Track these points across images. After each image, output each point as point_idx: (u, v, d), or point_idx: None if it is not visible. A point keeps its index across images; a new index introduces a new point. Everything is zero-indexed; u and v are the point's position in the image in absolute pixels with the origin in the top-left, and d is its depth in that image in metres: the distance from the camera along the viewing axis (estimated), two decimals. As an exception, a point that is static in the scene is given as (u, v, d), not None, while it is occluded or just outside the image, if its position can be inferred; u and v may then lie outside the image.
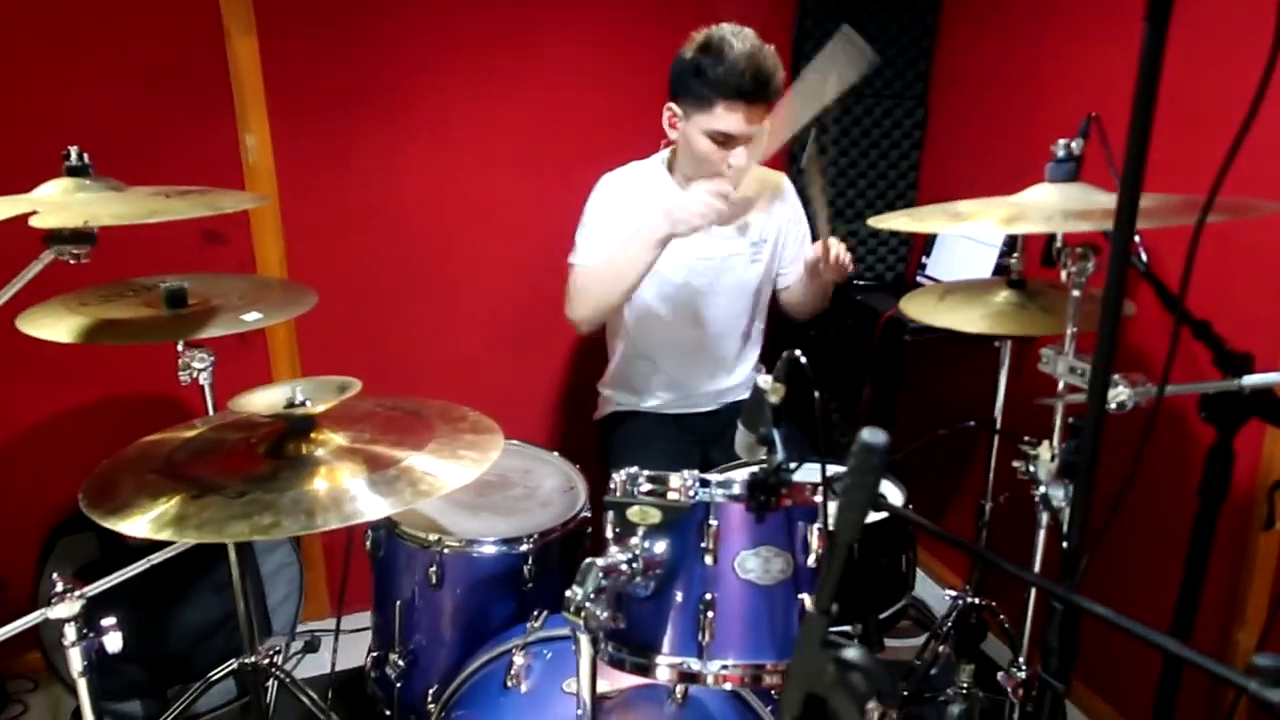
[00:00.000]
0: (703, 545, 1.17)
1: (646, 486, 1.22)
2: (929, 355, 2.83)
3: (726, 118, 1.90)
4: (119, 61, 2.19)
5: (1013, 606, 1.94)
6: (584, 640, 1.14)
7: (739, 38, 1.90)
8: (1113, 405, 1.28)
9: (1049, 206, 1.33)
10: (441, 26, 2.45)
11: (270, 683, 2.06)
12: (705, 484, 1.19)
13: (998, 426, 1.90)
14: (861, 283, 2.92)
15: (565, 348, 2.83)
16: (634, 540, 1.18)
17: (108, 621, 1.33)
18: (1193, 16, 1.86)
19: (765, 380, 1.20)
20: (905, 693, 2.03)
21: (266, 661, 2.01)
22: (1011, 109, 2.54)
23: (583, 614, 1.10)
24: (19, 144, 2.05)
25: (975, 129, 2.70)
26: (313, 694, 2.01)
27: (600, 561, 1.12)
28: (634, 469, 1.23)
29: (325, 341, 2.54)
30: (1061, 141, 1.37)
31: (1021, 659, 1.64)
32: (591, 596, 1.10)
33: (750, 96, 1.88)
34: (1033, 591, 1.63)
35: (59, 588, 1.28)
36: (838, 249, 1.94)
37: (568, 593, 1.11)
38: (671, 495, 1.19)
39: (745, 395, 2.17)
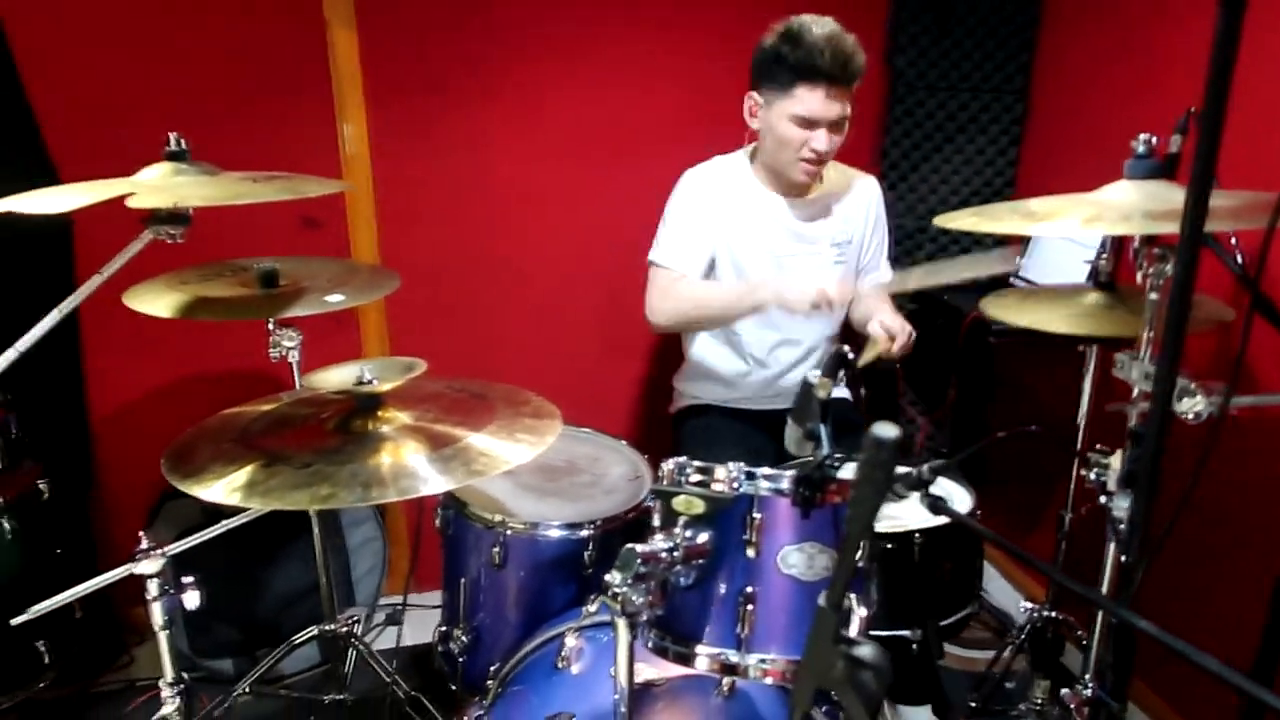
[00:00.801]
0: (745, 538, 1.17)
1: (694, 477, 1.22)
2: (1018, 358, 2.73)
3: (807, 99, 1.91)
4: (224, 53, 2.31)
5: (1089, 620, 1.86)
6: (621, 625, 1.15)
7: (819, 23, 1.91)
8: (1189, 415, 1.21)
9: (1128, 206, 1.27)
10: (533, 20, 2.49)
11: (350, 651, 2.14)
12: (751, 476, 1.18)
13: (1081, 434, 1.82)
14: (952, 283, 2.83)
15: (645, 341, 2.85)
16: (677, 529, 1.18)
17: (187, 580, 1.41)
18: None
19: (814, 375, 1.18)
20: (973, 704, 1.97)
21: (345, 630, 2.10)
22: (1118, 103, 2.42)
23: (619, 599, 1.11)
24: (126, 129, 2.17)
25: (1079, 124, 2.59)
26: (386, 664, 2.09)
27: (640, 548, 1.13)
28: (683, 459, 1.24)
29: (413, 324, 2.62)
30: (1143, 136, 1.31)
31: (1088, 676, 1.57)
32: (629, 582, 1.11)
33: (830, 77, 1.88)
34: (1104, 606, 1.56)
35: (143, 545, 1.37)
36: (902, 333, 1.95)
37: (607, 576, 1.12)
38: (716, 486, 1.19)
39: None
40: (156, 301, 1.73)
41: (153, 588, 1.37)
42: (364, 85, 2.41)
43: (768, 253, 2.10)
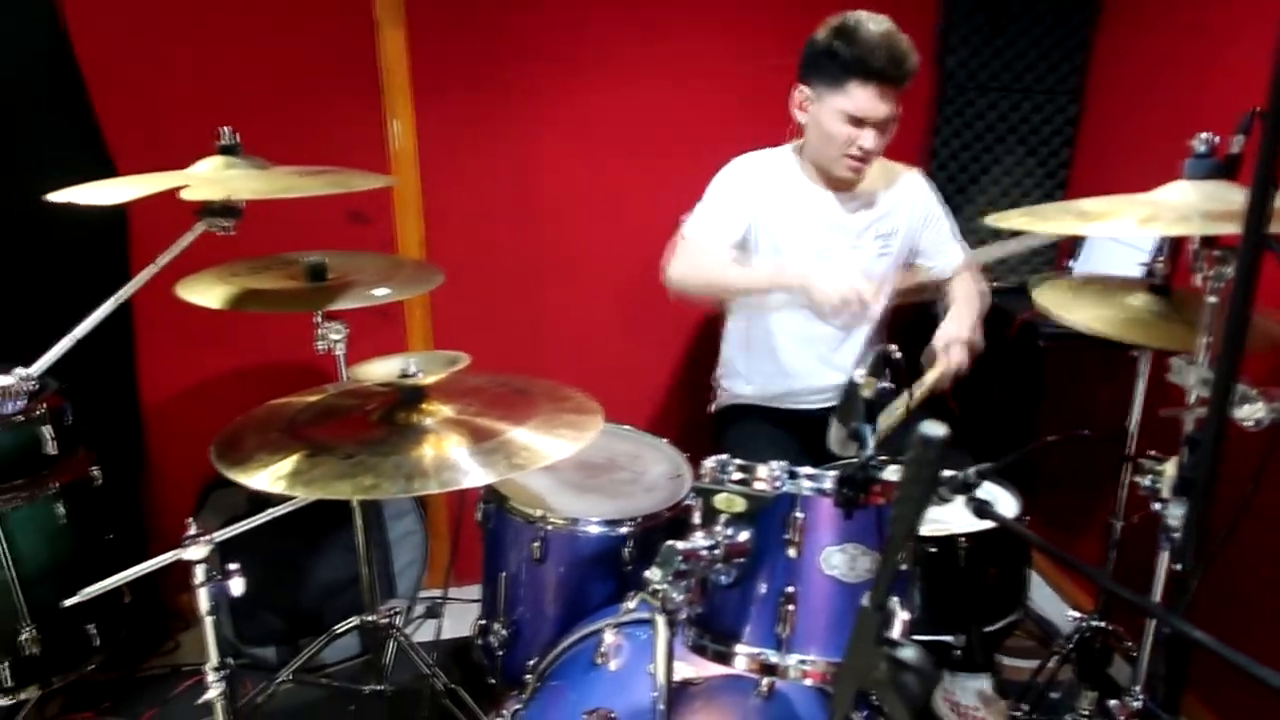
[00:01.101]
0: (786, 537, 1.16)
1: (736, 475, 1.21)
2: (1068, 363, 2.68)
3: (859, 96, 1.89)
4: (277, 51, 2.34)
5: (1138, 631, 1.82)
6: (660, 622, 1.14)
7: (874, 20, 1.90)
8: (1249, 422, 1.18)
9: (1185, 206, 1.23)
10: (580, 20, 2.50)
11: (390, 642, 2.16)
12: (793, 476, 1.17)
13: (1132, 440, 1.78)
14: (1001, 285, 2.79)
15: (689, 339, 2.84)
16: (718, 527, 1.17)
17: (233, 567, 1.43)
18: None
19: (860, 374, 1.17)
20: (1016, 713, 1.94)
21: (385, 621, 2.12)
22: (1176, 104, 2.36)
23: (659, 595, 1.10)
24: (181, 124, 2.20)
25: (1135, 125, 2.53)
26: (426, 656, 2.10)
27: (680, 545, 1.12)
28: (724, 456, 1.23)
29: (458, 319, 2.64)
30: (1203, 135, 1.27)
31: (1138, 687, 1.53)
32: (669, 579, 1.11)
33: (883, 76, 1.87)
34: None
35: (191, 532, 1.39)
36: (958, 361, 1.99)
37: (646, 573, 1.12)
38: (758, 485, 1.18)
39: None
40: (207, 293, 1.76)
41: (199, 573, 1.39)
42: (412, 83, 2.43)
43: (809, 244, 2.09)
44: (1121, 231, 1.24)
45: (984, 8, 2.61)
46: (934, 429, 0.70)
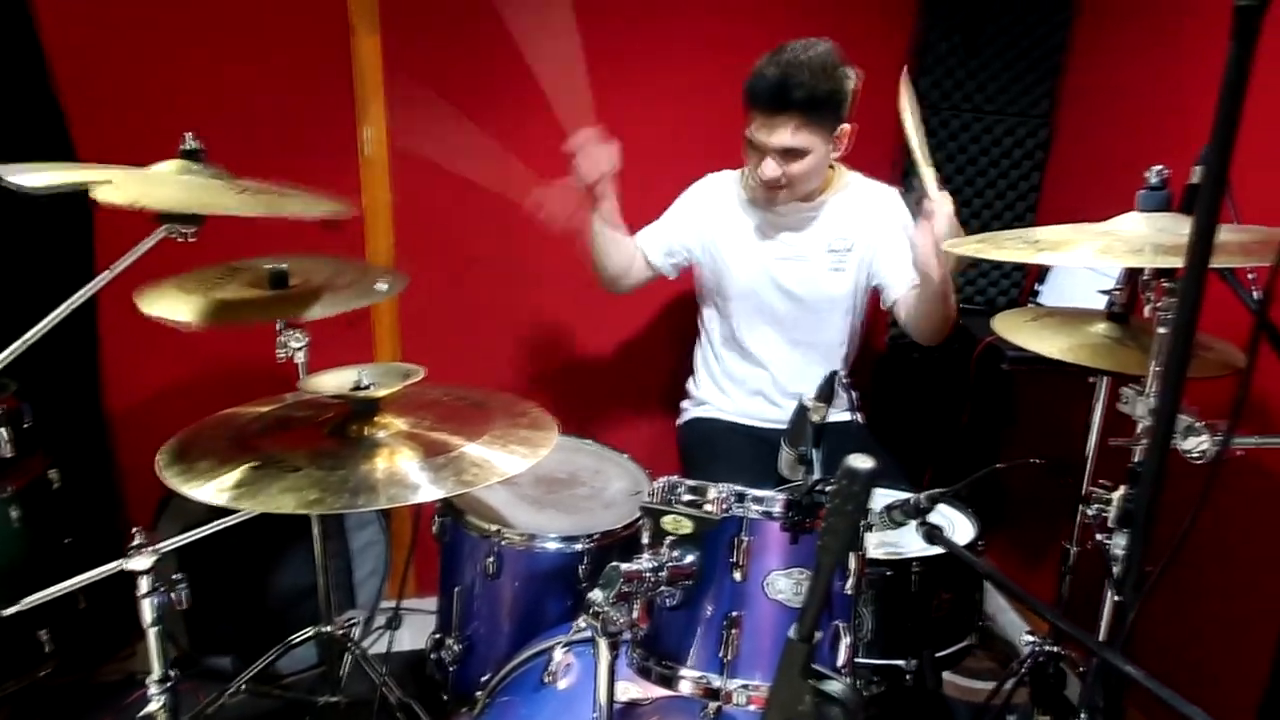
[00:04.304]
0: (732, 560, 1.15)
1: (685, 496, 1.20)
2: (1033, 386, 2.70)
3: (757, 125, 1.92)
4: (250, 53, 2.32)
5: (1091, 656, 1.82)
6: (603, 644, 1.13)
7: (793, 48, 1.87)
8: (1194, 454, 1.18)
9: (1137, 237, 1.24)
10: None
11: (346, 654, 2.14)
12: (741, 499, 1.17)
13: (1088, 468, 1.79)
14: (969, 307, 2.80)
15: (661, 352, 2.83)
16: (664, 548, 1.17)
17: (178, 577, 1.41)
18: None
19: (808, 398, 1.16)
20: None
21: (341, 633, 2.10)
22: (1142, 132, 2.38)
23: (601, 617, 1.09)
24: (147, 125, 2.17)
25: (1102, 151, 2.55)
26: (380, 669, 2.08)
27: (624, 567, 1.12)
28: (675, 477, 1.22)
29: (426, 328, 2.62)
30: (1155, 168, 1.28)
31: (1084, 714, 1.53)
32: (612, 601, 1.10)
33: (768, 104, 1.87)
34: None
35: (136, 541, 1.37)
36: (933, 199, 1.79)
37: (590, 594, 1.11)
38: (706, 507, 1.17)
39: (844, 414, 2.15)
40: (168, 304, 1.73)
41: (143, 584, 1.37)
42: (385, 90, 2.42)
43: (749, 256, 2.13)
44: (1074, 262, 1.24)
45: (959, 30, 2.63)
46: (861, 462, 0.69)
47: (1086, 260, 1.24)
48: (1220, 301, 1.12)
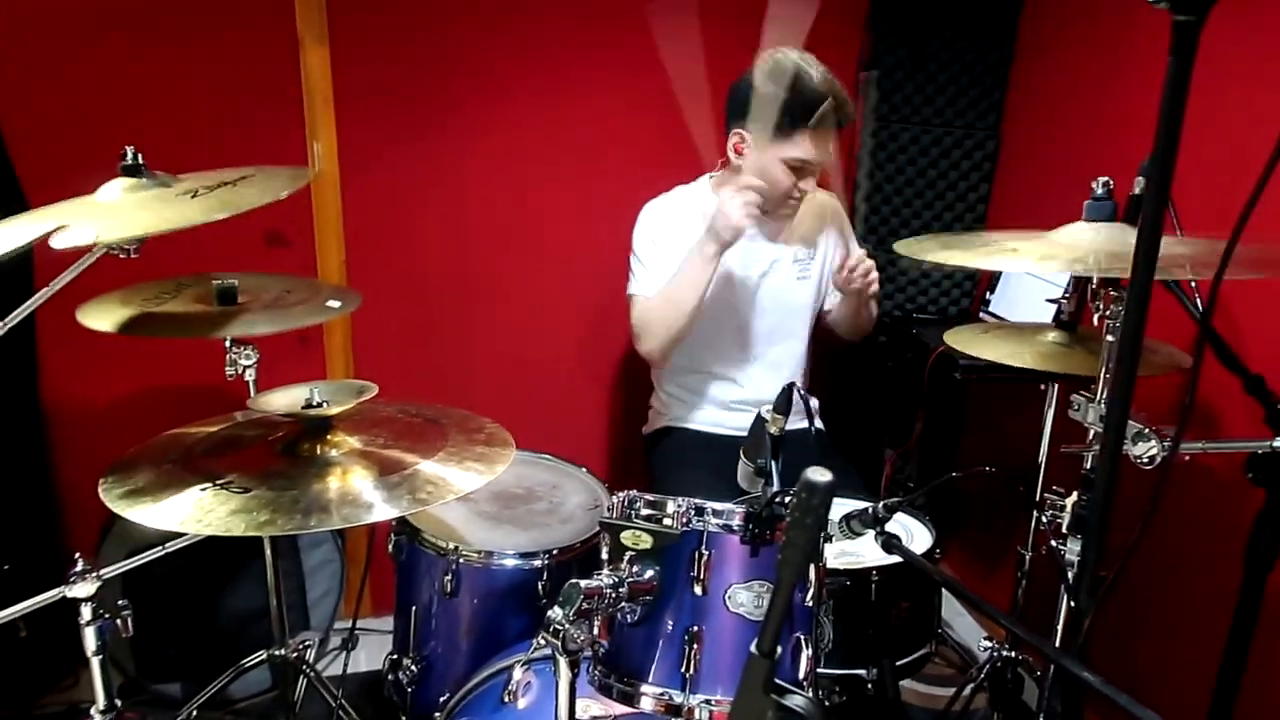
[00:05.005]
0: (692, 575, 1.15)
1: (644, 511, 1.20)
2: (987, 394, 2.73)
3: (806, 145, 1.93)
4: (194, 68, 2.28)
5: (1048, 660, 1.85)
6: (562, 663, 1.12)
7: (810, 65, 1.92)
8: (1144, 459, 1.20)
9: (1083, 246, 1.26)
10: (510, 42, 2.48)
11: (300, 677, 2.09)
12: (700, 512, 1.16)
13: (1040, 474, 1.82)
14: (923, 316, 2.84)
15: (619, 364, 2.83)
16: (623, 564, 1.16)
17: (122, 603, 1.37)
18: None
19: (766, 410, 1.17)
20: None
21: (295, 655, 2.05)
22: (1086, 143, 2.43)
23: (560, 635, 1.08)
24: (89, 143, 2.12)
25: (1048, 162, 2.60)
26: (335, 692, 2.04)
27: (584, 583, 1.11)
28: (634, 491, 1.22)
29: (379, 345, 2.59)
30: (1101, 179, 1.30)
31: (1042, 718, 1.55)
32: (571, 618, 1.09)
33: (830, 125, 1.91)
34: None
35: (78, 567, 1.33)
36: (858, 256, 1.98)
37: (549, 612, 1.10)
38: (666, 521, 1.17)
39: (802, 423, 2.16)
40: (107, 318, 1.69)
41: (85, 612, 1.33)
42: (335, 104, 2.39)
43: (731, 272, 2.12)
44: (1023, 268, 1.26)
45: (906, 44, 2.67)
46: (819, 475, 0.69)
47: (1032, 267, 1.26)
48: (1163, 309, 1.15)
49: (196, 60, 2.27)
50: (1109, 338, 1.27)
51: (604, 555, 1.20)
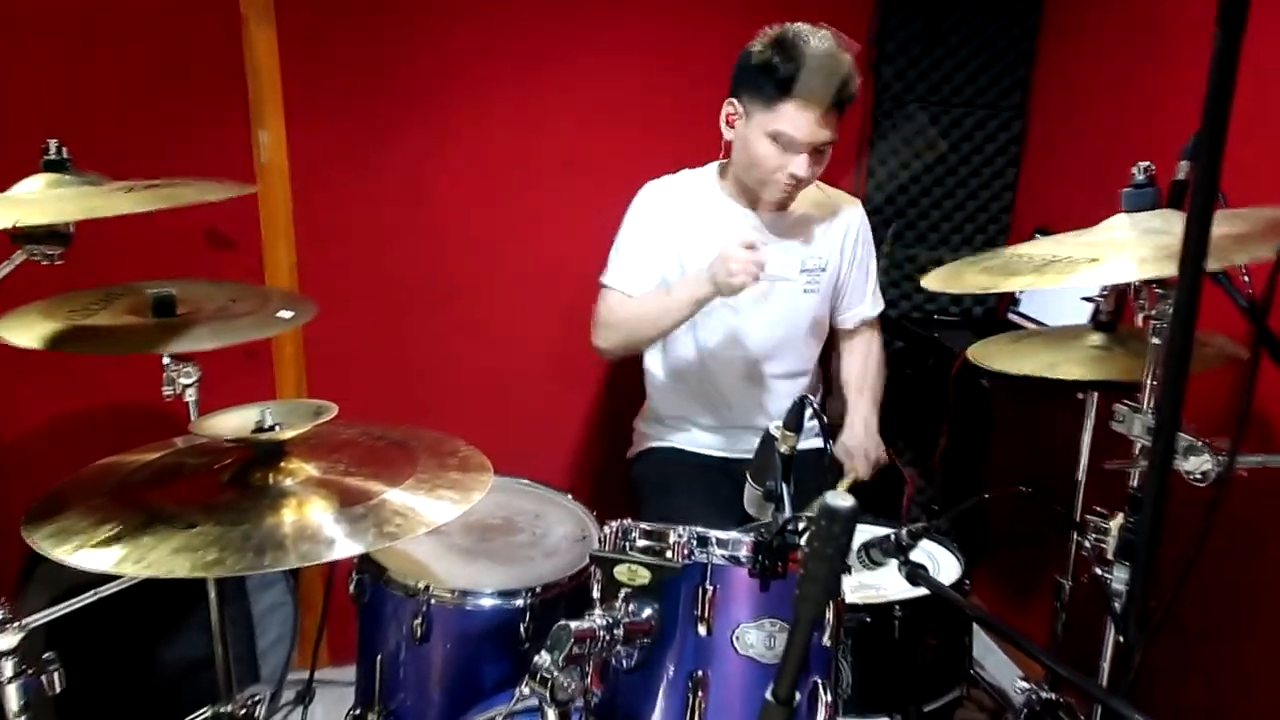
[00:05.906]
0: (696, 613, 1.15)
1: (640, 542, 1.20)
2: (1015, 404, 2.75)
3: (795, 119, 1.91)
4: (126, 49, 2.28)
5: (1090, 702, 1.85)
6: (551, 714, 1.11)
7: (817, 36, 1.92)
8: (1196, 476, 1.21)
9: (1128, 244, 1.26)
10: (478, 21, 2.49)
11: (250, 735, 2.08)
12: (704, 543, 1.16)
13: (1079, 493, 1.82)
14: (944, 318, 2.85)
15: (601, 378, 2.83)
16: (618, 603, 1.16)
17: (48, 656, 1.36)
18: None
19: (775, 427, 1.17)
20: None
21: (244, 712, 2.04)
22: (1124, 122, 2.45)
23: (549, 684, 1.08)
24: (7, 136, 2.13)
25: (1082, 144, 2.62)
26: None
27: (575, 625, 1.10)
28: (628, 521, 1.22)
29: (335, 360, 2.58)
30: (1142, 164, 1.31)
31: (1089, 768, 1.56)
32: (561, 664, 1.08)
33: (822, 98, 1.89)
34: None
35: (-2, 617, 1.32)
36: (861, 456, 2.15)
37: (536, 659, 1.09)
38: (666, 553, 1.17)
39: (815, 441, 2.17)
40: (27, 333, 1.68)
41: (6, 668, 1.32)
42: (284, 88, 2.38)
43: None
44: (1079, 284, 1.27)
45: (922, 15, 2.69)
46: (840, 500, 0.69)
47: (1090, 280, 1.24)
48: (1212, 298, 1.15)
49: (122, 41, 2.27)
50: (1155, 340, 1.27)
51: (595, 593, 1.20)
